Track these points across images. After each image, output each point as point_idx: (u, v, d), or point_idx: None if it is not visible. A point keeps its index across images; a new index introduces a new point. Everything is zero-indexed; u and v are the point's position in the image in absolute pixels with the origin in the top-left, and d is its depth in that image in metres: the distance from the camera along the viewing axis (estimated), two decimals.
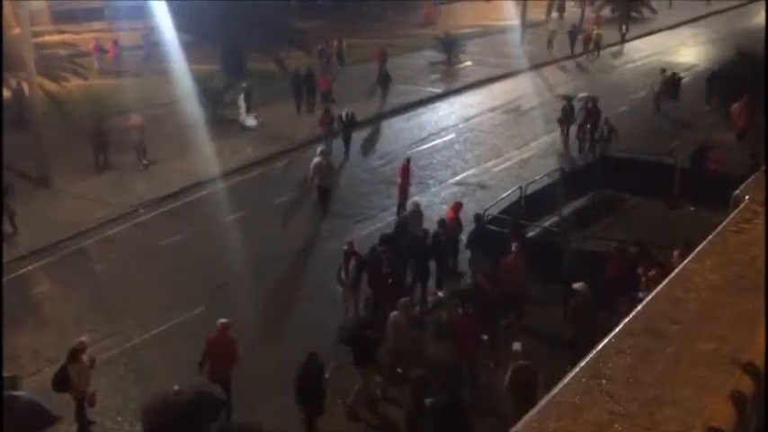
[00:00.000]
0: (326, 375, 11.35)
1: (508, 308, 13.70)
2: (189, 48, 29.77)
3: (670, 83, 26.93)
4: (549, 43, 38.24)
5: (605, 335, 2.71)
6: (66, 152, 21.53)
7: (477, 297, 12.76)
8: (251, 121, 25.09)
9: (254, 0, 32.56)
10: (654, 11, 50.03)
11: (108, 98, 27.66)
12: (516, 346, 11.97)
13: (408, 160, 18.85)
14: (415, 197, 18.77)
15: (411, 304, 12.65)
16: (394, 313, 11.88)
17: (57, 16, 30.96)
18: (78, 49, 28.47)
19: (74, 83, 25.95)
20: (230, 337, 11.35)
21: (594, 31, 38.53)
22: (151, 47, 32.41)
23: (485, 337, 12.39)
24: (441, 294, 14.76)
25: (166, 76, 28.38)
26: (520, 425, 2.26)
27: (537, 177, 18.36)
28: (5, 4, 22.13)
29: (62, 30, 30.23)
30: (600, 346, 2.50)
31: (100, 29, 37.86)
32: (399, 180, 18.38)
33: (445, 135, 24.96)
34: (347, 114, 22.84)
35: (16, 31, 21.36)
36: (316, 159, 18.35)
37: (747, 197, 3.99)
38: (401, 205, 17.93)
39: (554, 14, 42.55)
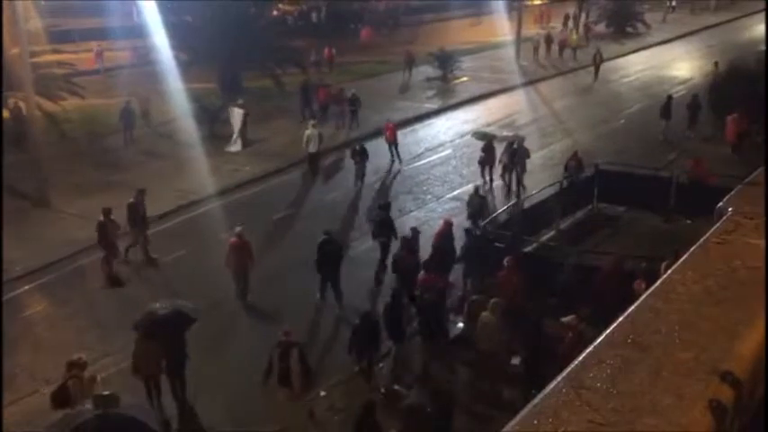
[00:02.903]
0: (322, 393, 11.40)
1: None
2: (186, 67, 29.95)
3: (665, 103, 26.71)
4: (535, 50, 40.58)
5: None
6: (64, 171, 21.59)
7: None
8: (235, 147, 24.91)
9: (249, 19, 32.98)
10: (648, 26, 50.47)
11: (105, 117, 27.80)
12: (515, 360, 12.02)
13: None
14: (413, 212, 18.93)
15: (499, 303, 12.30)
16: (484, 313, 12.13)
17: (53, 36, 31.12)
18: (75, 69, 28.60)
19: (71, 102, 26.07)
20: (246, 240, 15.05)
21: (573, 36, 41.87)
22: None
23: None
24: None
25: (164, 95, 28.50)
26: None
27: (534, 192, 18.45)
28: (2, 25, 22.33)
29: (59, 49, 30.37)
30: (581, 357, 2.54)
31: (93, 57, 38.11)
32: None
33: (442, 150, 25.07)
34: (353, 94, 27.17)
35: (14, 50, 21.51)
36: (308, 131, 22.13)
37: (731, 209, 4.04)
38: None
39: (540, 30, 43.59)
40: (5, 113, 24.39)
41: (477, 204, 17.48)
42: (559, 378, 2.57)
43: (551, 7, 58.86)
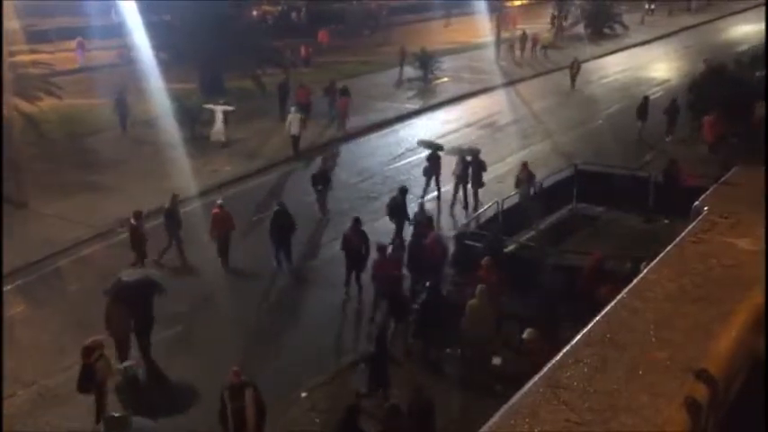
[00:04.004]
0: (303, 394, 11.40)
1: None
2: (167, 66, 29.75)
3: (641, 104, 26.88)
4: (511, 48, 41.74)
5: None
6: (43, 172, 21.37)
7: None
8: (217, 137, 25.16)
9: (229, 19, 32.87)
10: (626, 27, 50.88)
11: (83, 117, 27.57)
12: (496, 360, 12.07)
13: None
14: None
15: (484, 290, 12.48)
16: (471, 301, 12.29)
17: (30, 36, 30.79)
18: (53, 69, 28.31)
19: (49, 102, 25.79)
20: (227, 211, 16.50)
21: (546, 35, 43.84)
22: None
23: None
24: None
25: (144, 95, 28.31)
26: None
27: (513, 192, 18.52)
28: None
29: (36, 49, 30.05)
30: (559, 356, 2.57)
31: (75, 48, 37.82)
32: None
33: (422, 151, 25.02)
34: (344, 87, 28.61)
35: None
36: (290, 115, 24.23)
37: (706, 208, 4.11)
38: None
39: (518, 32, 44.15)
40: None
41: (395, 206, 17.39)
42: (536, 378, 2.60)
43: (529, 8, 59.29)
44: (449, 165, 20.17)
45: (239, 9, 36.32)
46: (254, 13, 45.99)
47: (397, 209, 17.36)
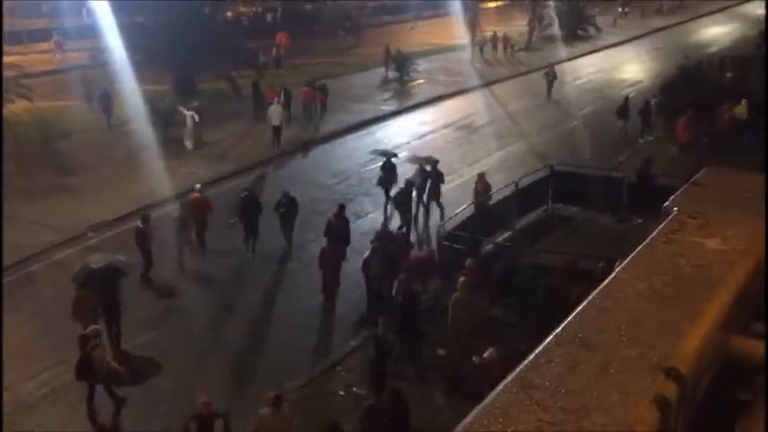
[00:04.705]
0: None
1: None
2: (139, 68, 29.49)
3: (622, 104, 27.18)
4: (481, 50, 42.30)
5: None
6: (15, 175, 21.05)
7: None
8: (188, 144, 24.94)
9: (203, 20, 32.67)
10: (598, 29, 51.37)
11: (55, 120, 27.24)
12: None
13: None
14: (371, 214, 19.01)
15: (466, 282, 12.77)
16: (455, 294, 12.62)
17: (3, 38, 30.38)
18: (24, 71, 27.95)
19: (20, 105, 25.47)
20: (204, 196, 17.57)
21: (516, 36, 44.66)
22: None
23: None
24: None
25: (116, 96, 28.03)
26: None
27: (490, 193, 18.61)
28: None
29: (8, 51, 29.65)
30: (530, 357, 2.59)
31: (47, 49, 37.38)
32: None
33: (399, 152, 25.11)
34: (322, 84, 30.24)
35: None
36: (272, 106, 25.36)
37: (676, 209, 4.17)
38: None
39: (488, 33, 44.53)
40: None
41: (402, 199, 18.09)
42: (509, 378, 2.63)
43: (504, 10, 59.65)
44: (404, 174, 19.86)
45: (213, 10, 36.06)
46: (229, 14, 45.72)
47: (404, 201, 18.10)
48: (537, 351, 2.63)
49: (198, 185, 18.18)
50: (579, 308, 2.97)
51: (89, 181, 21.59)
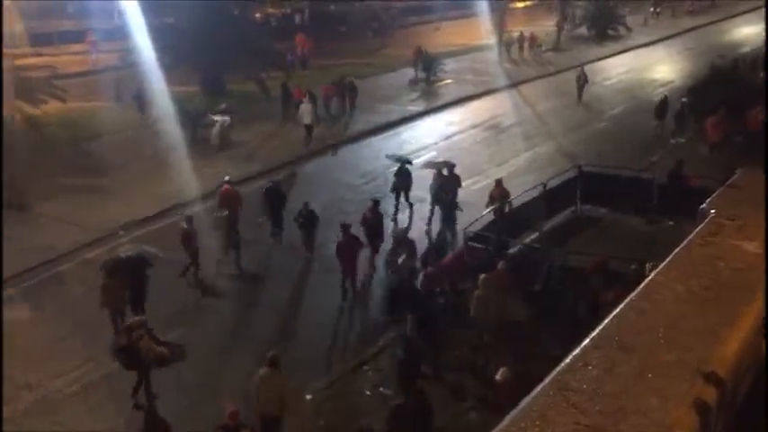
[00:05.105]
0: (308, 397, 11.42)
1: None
2: (168, 69, 29.77)
3: (659, 103, 26.94)
4: (507, 50, 42.21)
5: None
6: (45, 175, 21.38)
7: None
8: (215, 137, 25.26)
9: (233, 22, 32.88)
10: (629, 29, 50.84)
11: (86, 121, 27.58)
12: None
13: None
14: (399, 215, 19.02)
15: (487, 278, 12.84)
16: (477, 291, 12.66)
17: (35, 39, 30.88)
18: (56, 72, 28.35)
19: (53, 105, 25.83)
20: (236, 189, 17.94)
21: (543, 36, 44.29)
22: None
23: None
24: None
25: (146, 97, 28.32)
26: None
27: (517, 194, 18.48)
28: None
29: (40, 52, 30.11)
30: (568, 359, 2.56)
31: (78, 51, 37.90)
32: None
33: (425, 153, 25.08)
34: (351, 81, 30.39)
35: None
36: (302, 105, 25.88)
37: (713, 211, 4.10)
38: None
39: (514, 33, 44.29)
40: None
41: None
42: (546, 381, 2.60)
43: (532, 10, 59.30)
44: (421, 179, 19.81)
45: (242, 11, 36.31)
46: (258, 15, 45.97)
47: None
48: (574, 353, 2.60)
49: (227, 177, 18.42)
50: (616, 310, 2.93)
51: (118, 181, 21.83)
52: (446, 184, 18.68)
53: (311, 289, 16.29)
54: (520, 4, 63.21)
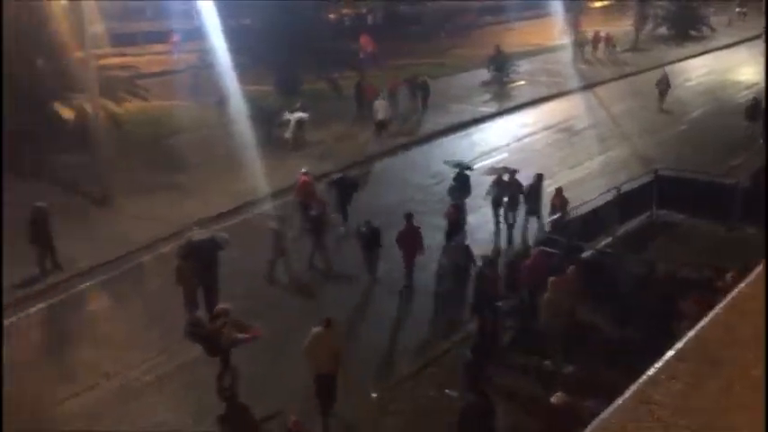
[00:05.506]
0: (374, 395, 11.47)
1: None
2: (244, 69, 30.36)
3: (750, 105, 26.00)
4: (582, 50, 41.78)
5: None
6: (126, 172, 22.11)
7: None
8: (288, 134, 25.71)
9: (308, 22, 33.31)
10: (712, 29, 49.16)
11: (166, 119, 28.40)
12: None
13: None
14: (468, 216, 18.86)
15: (555, 281, 12.78)
16: (546, 294, 12.58)
17: (116, 39, 31.98)
18: (138, 71, 29.28)
19: (135, 104, 26.69)
20: (312, 179, 19.01)
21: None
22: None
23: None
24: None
25: (223, 96, 28.98)
26: None
27: (590, 198, 18.09)
28: (66, 29, 23.12)
29: (122, 52, 31.14)
30: (650, 372, 2.45)
31: (160, 51, 39.07)
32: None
33: (496, 155, 24.86)
34: (424, 80, 30.59)
35: (78, 54, 22.14)
36: (376, 101, 26.58)
37: None
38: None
39: (589, 33, 43.35)
40: (71, 114, 25.13)
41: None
42: (627, 393, 2.49)
43: (609, 9, 57.99)
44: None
45: (317, 12, 36.77)
46: (332, 15, 46.46)
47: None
48: (657, 366, 2.49)
49: (304, 169, 19.10)
50: (702, 322, 2.80)
51: (195, 178, 22.40)
52: (507, 191, 18.31)
53: (380, 286, 16.26)
54: (598, 4, 61.90)
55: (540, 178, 18.32)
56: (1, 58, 21.70)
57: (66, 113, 24.82)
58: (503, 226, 18.40)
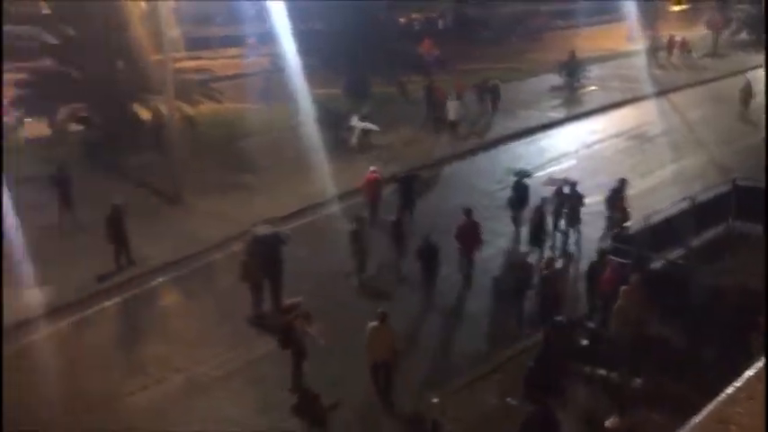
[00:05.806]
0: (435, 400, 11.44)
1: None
2: (314, 72, 30.64)
3: None
4: (655, 55, 40.86)
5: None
6: (198, 172, 22.65)
7: None
8: (354, 139, 25.87)
9: (378, 26, 33.46)
10: None
11: (238, 121, 28.97)
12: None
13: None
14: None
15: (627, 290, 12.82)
16: (619, 302, 12.63)
17: (190, 43, 32.76)
18: (213, 74, 29.95)
19: (208, 107, 27.34)
20: (379, 177, 19.53)
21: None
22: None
23: None
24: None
25: (292, 100, 29.35)
26: None
27: (663, 207, 17.59)
28: (143, 33, 23.92)
29: (197, 56, 31.88)
30: (729, 391, 2.38)
31: (233, 55, 39.84)
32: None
33: (565, 161, 24.47)
34: (494, 84, 30.74)
35: (156, 57, 22.86)
36: (449, 102, 27.33)
37: None
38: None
39: (664, 39, 42.21)
40: (147, 115, 25.96)
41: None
42: (704, 412, 2.43)
43: (685, 13, 56.32)
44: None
45: (387, 15, 36.87)
46: (402, 19, 46.50)
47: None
48: (737, 385, 2.42)
49: (372, 168, 19.66)
50: None
51: (264, 179, 22.80)
52: (567, 202, 17.90)
53: (445, 288, 16.17)
54: (676, 8, 60.16)
55: (622, 183, 18.30)
56: (1, 59, 22.49)
57: (144, 114, 25.70)
58: (559, 236, 18.11)
